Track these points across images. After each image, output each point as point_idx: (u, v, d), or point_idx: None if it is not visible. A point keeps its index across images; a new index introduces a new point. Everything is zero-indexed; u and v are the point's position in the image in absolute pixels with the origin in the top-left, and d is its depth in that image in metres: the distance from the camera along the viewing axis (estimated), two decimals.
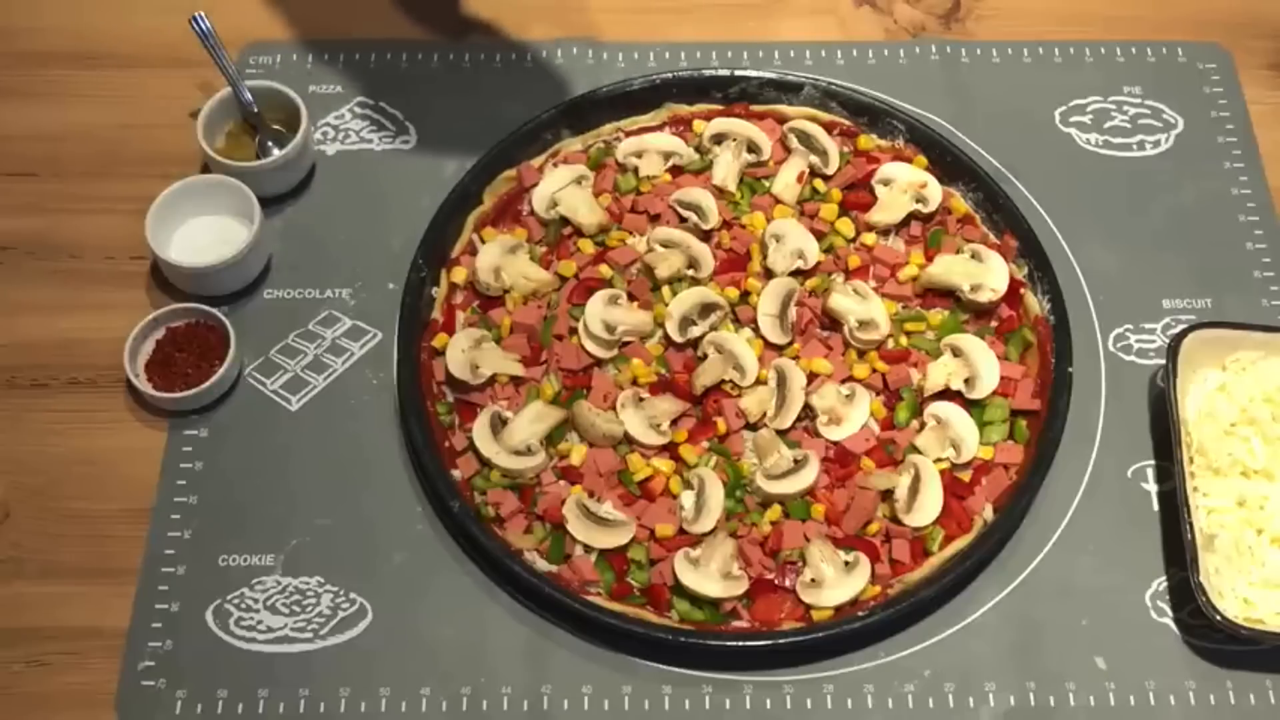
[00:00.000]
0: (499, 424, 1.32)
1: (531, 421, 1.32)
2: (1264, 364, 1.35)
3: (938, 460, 1.32)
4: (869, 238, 1.46)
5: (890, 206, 1.46)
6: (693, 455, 1.32)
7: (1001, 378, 1.35)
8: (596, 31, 1.65)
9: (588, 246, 1.44)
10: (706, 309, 1.39)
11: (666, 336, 1.38)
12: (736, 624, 1.25)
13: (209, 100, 1.49)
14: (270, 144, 1.50)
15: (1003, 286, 1.41)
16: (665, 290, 1.40)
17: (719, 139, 1.51)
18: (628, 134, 1.53)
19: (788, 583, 1.27)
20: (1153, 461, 1.36)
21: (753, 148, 1.50)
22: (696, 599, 1.25)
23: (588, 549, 1.27)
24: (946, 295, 1.42)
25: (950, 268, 1.42)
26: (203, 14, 1.51)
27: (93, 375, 1.39)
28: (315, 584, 1.28)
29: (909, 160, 1.50)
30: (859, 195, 1.48)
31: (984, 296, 1.40)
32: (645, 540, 1.28)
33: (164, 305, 1.41)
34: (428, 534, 1.31)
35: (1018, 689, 1.24)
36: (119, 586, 1.28)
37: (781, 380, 1.35)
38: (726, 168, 1.49)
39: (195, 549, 1.30)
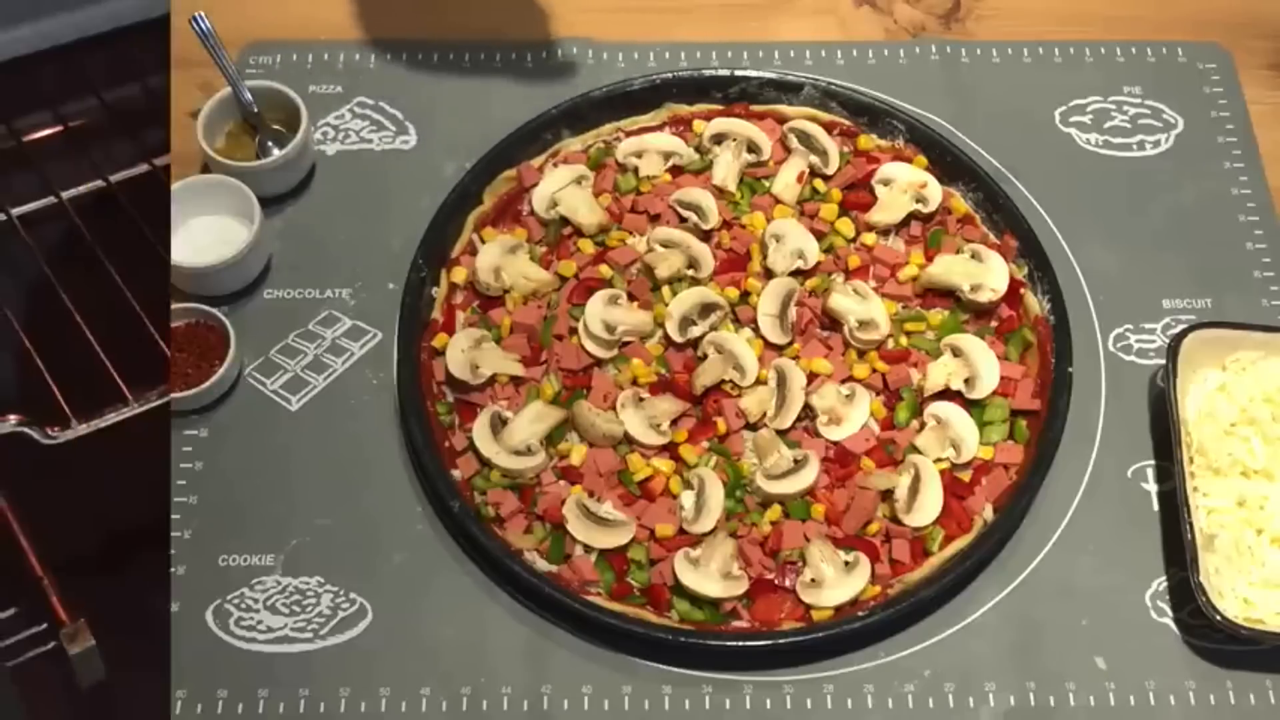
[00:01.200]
0: (499, 424, 1.32)
1: (531, 421, 1.32)
2: (1264, 364, 1.35)
3: (938, 460, 1.32)
4: (869, 238, 1.45)
5: (890, 206, 1.46)
6: (693, 455, 1.32)
7: (1001, 378, 1.35)
8: (597, 31, 1.65)
9: (588, 246, 1.44)
10: (706, 309, 1.39)
11: (666, 336, 1.38)
12: (736, 624, 1.25)
13: (209, 100, 1.49)
14: (270, 144, 1.50)
15: (1003, 286, 1.40)
16: (665, 290, 1.40)
17: (719, 139, 1.51)
18: (628, 134, 1.52)
19: (788, 583, 1.26)
20: (1153, 461, 1.36)
21: (753, 148, 1.50)
22: (696, 599, 1.25)
23: (588, 549, 1.27)
24: (946, 295, 1.42)
25: (950, 268, 1.42)
26: (202, 14, 1.50)
27: None
28: (315, 584, 1.28)
29: (909, 160, 1.50)
30: (859, 195, 1.48)
31: (984, 296, 1.40)
32: (645, 540, 1.28)
33: None
34: (428, 534, 1.31)
35: (1018, 689, 1.24)
36: None
37: (781, 380, 1.35)
38: (726, 168, 1.49)
39: (195, 549, 1.29)
